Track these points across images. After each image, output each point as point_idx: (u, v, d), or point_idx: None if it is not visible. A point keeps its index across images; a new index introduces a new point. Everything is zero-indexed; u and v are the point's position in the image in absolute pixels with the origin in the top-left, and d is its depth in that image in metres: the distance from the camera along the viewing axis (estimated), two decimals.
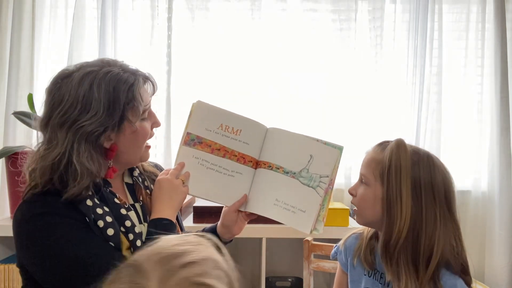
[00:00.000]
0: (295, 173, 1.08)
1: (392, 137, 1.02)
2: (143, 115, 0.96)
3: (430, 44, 2.08)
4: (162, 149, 2.13)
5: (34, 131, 0.94)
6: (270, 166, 1.09)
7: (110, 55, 2.06)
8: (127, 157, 0.98)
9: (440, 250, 0.90)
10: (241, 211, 1.11)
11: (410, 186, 0.91)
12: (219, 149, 1.08)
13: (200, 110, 1.08)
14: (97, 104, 0.87)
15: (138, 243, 0.91)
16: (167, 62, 2.13)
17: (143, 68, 2.24)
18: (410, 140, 2.09)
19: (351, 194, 1.03)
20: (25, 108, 1.85)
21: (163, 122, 2.12)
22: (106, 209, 0.90)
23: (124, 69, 0.94)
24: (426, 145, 2.08)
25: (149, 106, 0.98)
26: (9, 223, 1.71)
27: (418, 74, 2.09)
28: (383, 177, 0.94)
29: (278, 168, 1.08)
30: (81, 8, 2.06)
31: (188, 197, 1.86)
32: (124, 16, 2.13)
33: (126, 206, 0.96)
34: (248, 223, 1.15)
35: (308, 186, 1.07)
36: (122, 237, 0.90)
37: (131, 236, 0.91)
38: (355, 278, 1.06)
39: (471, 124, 2.16)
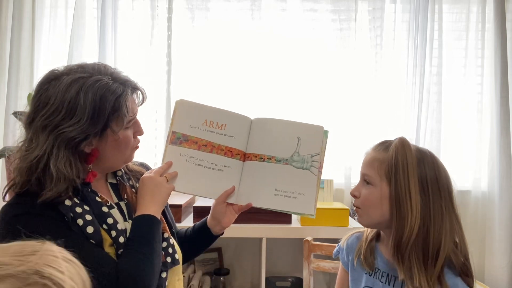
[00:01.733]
0: (287, 159, 1.09)
1: (392, 137, 1.02)
2: (128, 125, 0.96)
3: (430, 44, 2.08)
4: (162, 149, 2.12)
5: None
6: (262, 158, 1.10)
7: (110, 55, 2.06)
8: (109, 163, 0.99)
9: (447, 245, 0.91)
10: (232, 204, 1.12)
11: (417, 183, 0.92)
12: (205, 145, 1.09)
13: (183, 108, 1.09)
14: (82, 112, 0.87)
15: (121, 239, 0.93)
16: (167, 62, 2.14)
17: (143, 68, 2.23)
18: (410, 140, 2.09)
19: (354, 196, 1.02)
20: (25, 108, 1.85)
21: (163, 122, 2.12)
22: (86, 207, 0.91)
23: (114, 78, 0.94)
24: (426, 145, 2.08)
25: (135, 116, 0.99)
26: None
27: (418, 74, 2.09)
28: (389, 176, 0.94)
29: (270, 158, 1.10)
30: (81, 8, 2.06)
31: (189, 197, 1.86)
32: (124, 16, 2.13)
33: (108, 204, 0.97)
34: (248, 222, 1.15)
35: (302, 168, 1.09)
36: (104, 234, 0.91)
37: (113, 233, 0.92)
38: (356, 277, 1.07)
39: (471, 124, 2.16)
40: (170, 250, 1.03)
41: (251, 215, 1.16)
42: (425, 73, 2.08)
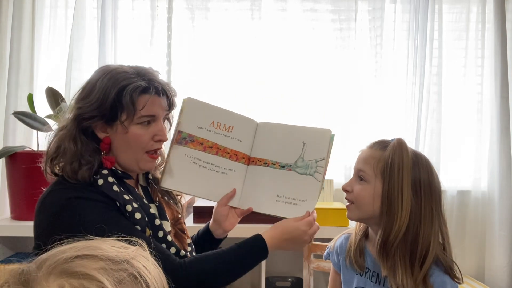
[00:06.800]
0: (291, 165, 1.08)
1: (392, 137, 1.03)
2: (140, 120, 0.96)
3: (430, 44, 2.08)
4: (162, 149, 2.13)
5: (34, 131, 0.97)
6: (266, 163, 1.09)
7: (110, 55, 2.06)
8: (122, 158, 0.99)
9: (435, 247, 0.93)
10: (234, 207, 1.12)
11: (410, 185, 0.94)
12: (211, 147, 1.08)
13: (191, 107, 1.07)
14: (95, 94, 0.95)
15: (160, 234, 0.97)
16: (167, 62, 2.13)
17: None
18: (410, 140, 2.09)
19: (345, 190, 1.04)
20: (25, 108, 1.85)
21: None
22: (131, 196, 0.96)
23: (143, 75, 0.97)
24: (426, 145, 2.08)
25: (152, 115, 0.98)
26: (9, 223, 1.72)
27: (418, 74, 2.08)
28: (384, 175, 0.95)
29: (274, 164, 1.09)
30: (81, 8, 2.05)
31: (189, 197, 1.86)
32: (124, 16, 2.13)
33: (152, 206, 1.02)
34: (247, 222, 1.15)
35: (306, 174, 1.08)
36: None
37: (150, 226, 0.97)
38: (348, 278, 1.08)
39: (471, 124, 2.15)
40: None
41: (251, 215, 1.16)
42: (425, 73, 2.08)
